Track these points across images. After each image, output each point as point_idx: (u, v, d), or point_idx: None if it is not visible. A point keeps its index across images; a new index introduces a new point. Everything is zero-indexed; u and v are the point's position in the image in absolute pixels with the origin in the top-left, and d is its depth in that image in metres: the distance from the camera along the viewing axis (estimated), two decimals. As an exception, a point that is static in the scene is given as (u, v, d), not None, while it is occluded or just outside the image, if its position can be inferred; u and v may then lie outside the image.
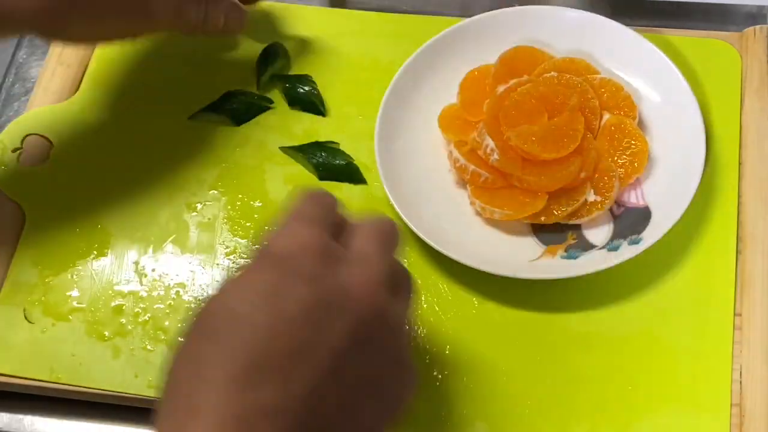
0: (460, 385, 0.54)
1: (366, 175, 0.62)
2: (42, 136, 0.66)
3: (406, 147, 0.61)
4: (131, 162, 0.64)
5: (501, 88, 0.61)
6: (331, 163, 0.62)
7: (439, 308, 0.57)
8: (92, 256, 0.61)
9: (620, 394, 0.53)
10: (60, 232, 0.62)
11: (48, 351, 0.58)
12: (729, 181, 0.59)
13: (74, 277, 0.60)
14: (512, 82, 0.61)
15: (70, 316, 0.59)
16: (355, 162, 0.63)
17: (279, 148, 0.63)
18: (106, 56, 0.69)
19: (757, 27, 0.64)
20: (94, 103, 0.67)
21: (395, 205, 0.57)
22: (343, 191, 0.62)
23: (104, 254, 0.61)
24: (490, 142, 0.58)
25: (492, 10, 0.65)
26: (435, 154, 0.62)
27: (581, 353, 0.55)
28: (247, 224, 0.61)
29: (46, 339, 0.58)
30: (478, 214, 0.59)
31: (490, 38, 0.64)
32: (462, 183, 0.60)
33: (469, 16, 0.65)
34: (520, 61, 0.62)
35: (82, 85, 0.68)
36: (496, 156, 0.57)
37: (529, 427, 0.53)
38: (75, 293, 0.59)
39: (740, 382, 0.52)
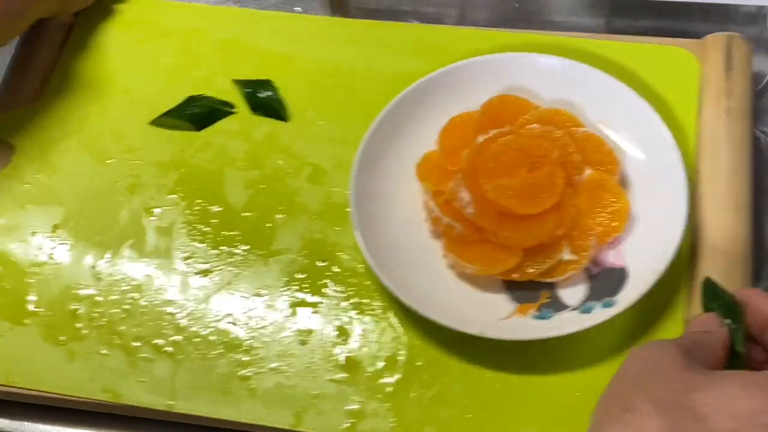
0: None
1: (325, 179, 0.62)
2: (4, 140, 0.66)
3: (384, 194, 0.59)
4: (92, 167, 0.65)
5: (481, 138, 0.59)
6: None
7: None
8: (50, 261, 0.61)
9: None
10: (19, 236, 0.62)
11: (5, 355, 0.58)
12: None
13: (31, 281, 0.60)
14: (492, 132, 0.59)
15: (26, 320, 0.59)
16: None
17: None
18: (70, 61, 0.69)
19: (717, 34, 0.64)
20: (58, 107, 0.67)
21: (364, 250, 0.56)
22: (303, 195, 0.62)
23: (62, 258, 0.61)
24: (465, 195, 0.56)
25: (491, 9, 0.64)
26: (413, 203, 0.60)
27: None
28: (205, 229, 0.61)
29: (2, 343, 0.58)
30: (451, 267, 0.57)
31: (476, 84, 0.62)
32: (437, 234, 0.58)
33: (468, 15, 0.65)
34: (503, 110, 0.61)
35: (46, 90, 0.68)
36: (470, 209, 0.56)
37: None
38: (32, 297, 0.60)
39: None
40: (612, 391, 0.40)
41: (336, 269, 0.59)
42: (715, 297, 0.46)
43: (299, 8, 0.74)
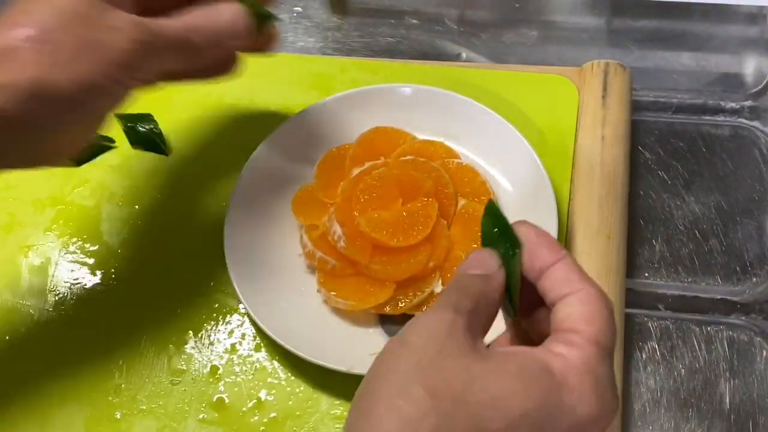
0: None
1: (205, 213, 0.62)
2: None
3: (261, 228, 0.59)
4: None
5: (356, 171, 0.59)
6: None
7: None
8: None
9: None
10: None
11: None
12: (560, 218, 0.59)
13: None
14: (367, 164, 0.59)
15: None
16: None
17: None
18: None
19: (595, 62, 0.64)
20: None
21: (235, 284, 0.55)
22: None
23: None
24: (337, 229, 0.55)
25: (491, 9, 0.63)
26: (290, 237, 0.59)
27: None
28: (81, 269, 0.60)
29: None
30: (326, 302, 0.57)
31: (356, 116, 0.62)
32: (313, 269, 0.57)
33: (468, 15, 0.66)
34: (378, 142, 0.60)
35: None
36: (342, 243, 0.55)
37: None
38: None
39: None
40: (392, 366, 0.36)
41: (214, 305, 0.58)
42: (497, 230, 0.40)
43: (299, 8, 0.75)
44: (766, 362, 0.56)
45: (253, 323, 0.57)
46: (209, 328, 0.57)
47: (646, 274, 0.60)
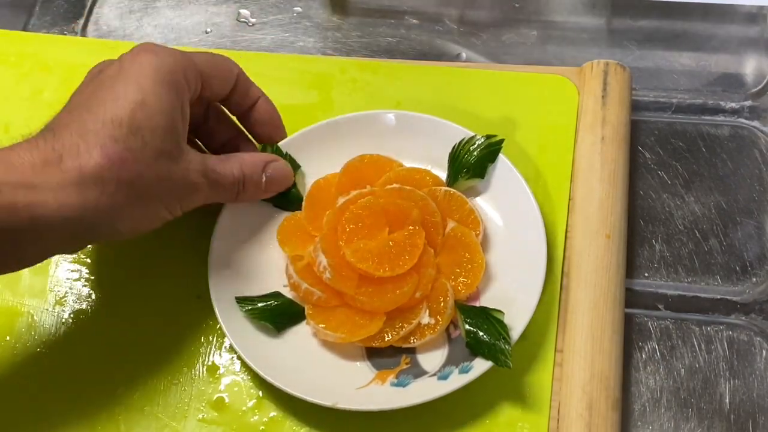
0: None
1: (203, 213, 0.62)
2: None
3: (247, 258, 0.58)
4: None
5: (342, 200, 0.58)
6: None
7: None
8: None
9: None
10: None
11: None
12: (560, 217, 0.59)
13: None
14: (353, 193, 0.58)
15: None
16: None
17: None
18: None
19: (594, 62, 0.64)
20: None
21: (219, 316, 0.55)
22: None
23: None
24: (323, 259, 0.54)
25: (490, 9, 0.63)
26: (277, 267, 0.58)
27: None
28: (81, 268, 0.60)
29: None
30: (314, 335, 0.56)
31: (341, 143, 0.61)
32: (300, 300, 0.56)
33: (468, 15, 0.66)
34: (364, 170, 0.59)
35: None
36: (328, 274, 0.54)
37: None
38: None
39: (557, 419, 0.52)
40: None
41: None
42: None
43: (299, 8, 0.75)
44: (766, 362, 0.56)
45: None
46: (209, 327, 0.57)
47: (646, 274, 0.60)
